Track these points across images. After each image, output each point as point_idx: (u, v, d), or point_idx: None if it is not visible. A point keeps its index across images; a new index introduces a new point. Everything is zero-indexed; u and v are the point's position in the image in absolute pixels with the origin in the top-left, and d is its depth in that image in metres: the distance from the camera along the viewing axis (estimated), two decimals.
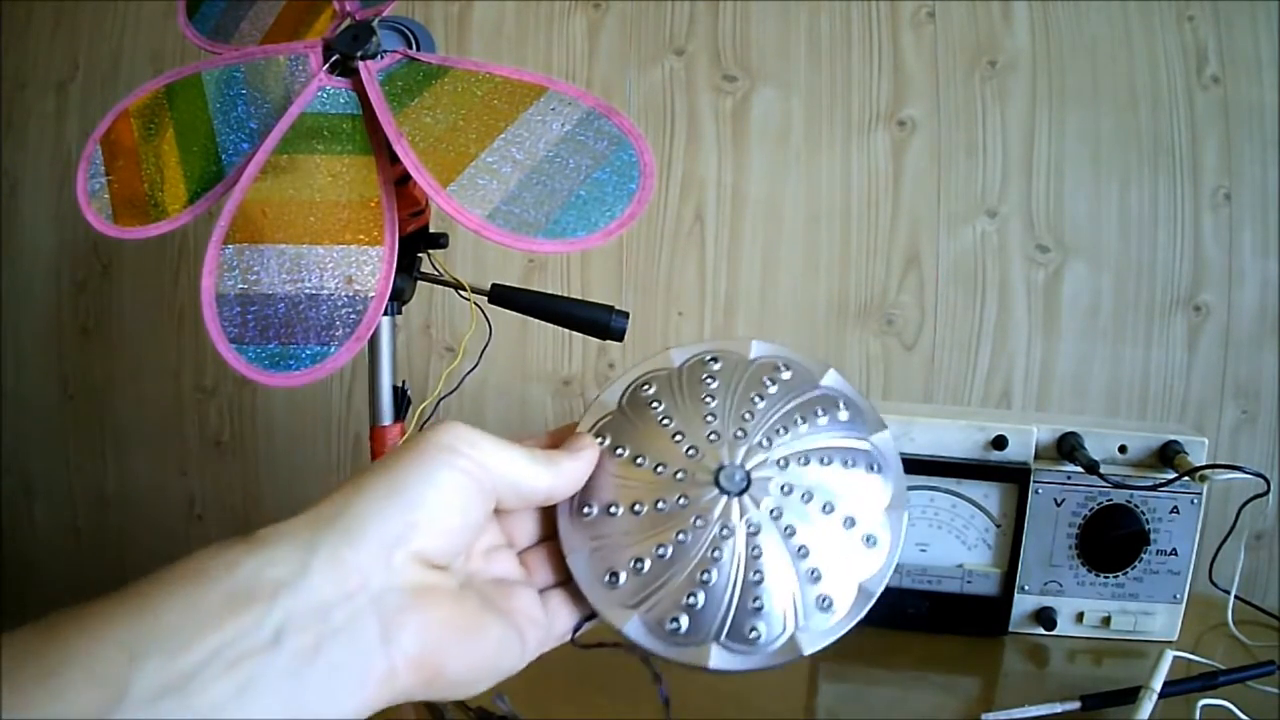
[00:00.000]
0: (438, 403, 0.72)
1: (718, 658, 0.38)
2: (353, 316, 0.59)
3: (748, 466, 0.41)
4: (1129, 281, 1.11)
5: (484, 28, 1.18)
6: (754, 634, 0.39)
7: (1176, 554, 0.64)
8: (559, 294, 0.75)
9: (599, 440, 0.41)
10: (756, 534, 0.40)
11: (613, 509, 0.41)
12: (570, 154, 0.59)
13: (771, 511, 0.41)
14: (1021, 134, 1.11)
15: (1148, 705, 0.52)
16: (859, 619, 0.39)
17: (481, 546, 0.35)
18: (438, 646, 0.28)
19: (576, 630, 0.39)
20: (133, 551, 1.35)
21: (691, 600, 0.39)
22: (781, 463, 0.42)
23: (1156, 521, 0.64)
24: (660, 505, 0.41)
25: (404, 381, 0.76)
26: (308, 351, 0.58)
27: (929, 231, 1.12)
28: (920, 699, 0.54)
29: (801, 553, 0.40)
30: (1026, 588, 0.66)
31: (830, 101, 1.13)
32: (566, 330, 0.78)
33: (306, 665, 0.25)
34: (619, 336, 0.73)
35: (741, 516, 0.40)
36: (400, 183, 0.64)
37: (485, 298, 0.73)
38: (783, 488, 0.41)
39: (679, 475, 0.41)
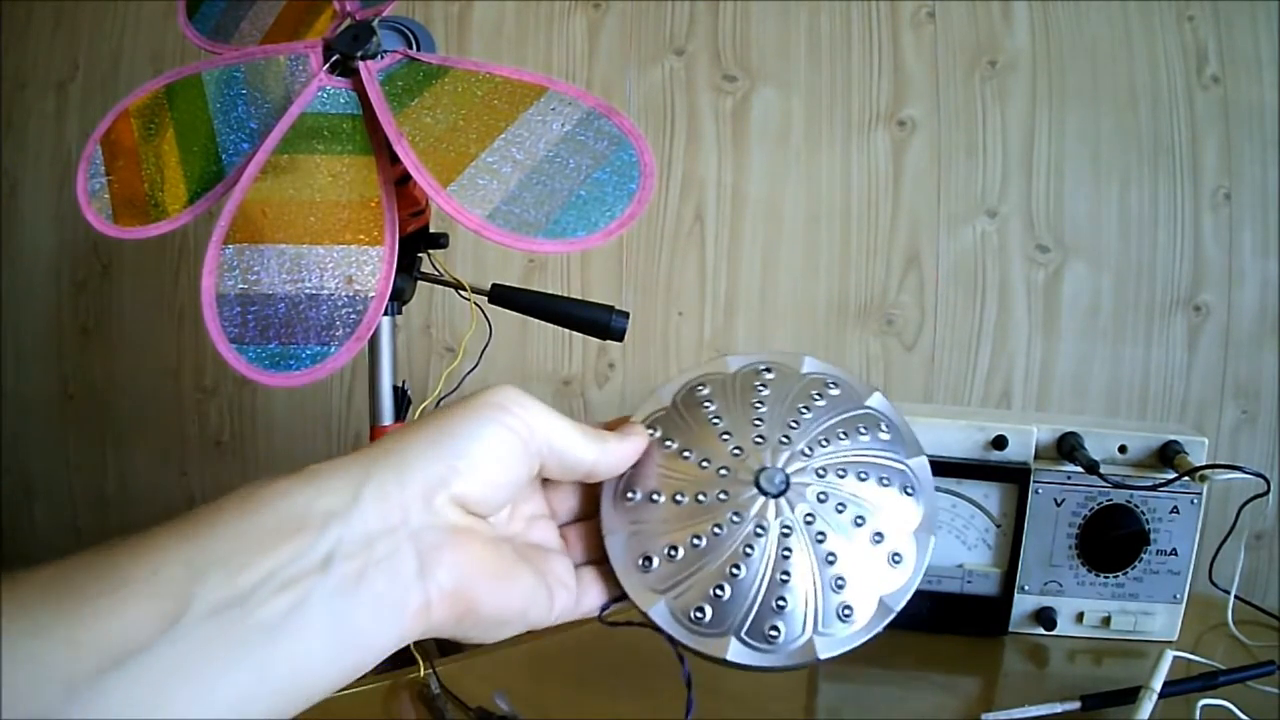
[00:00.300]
0: (438, 403, 0.72)
1: (736, 651, 0.39)
2: (353, 316, 0.59)
3: (788, 471, 0.43)
4: (1129, 281, 1.11)
5: (484, 28, 1.18)
6: (774, 633, 0.40)
7: (1176, 554, 0.64)
8: (559, 294, 0.75)
9: (650, 431, 0.42)
10: (788, 536, 0.42)
11: (655, 496, 0.43)
12: (570, 154, 0.59)
13: (805, 516, 0.42)
14: (1021, 134, 1.11)
15: (1148, 705, 0.52)
16: (876, 632, 0.40)
17: (525, 513, 0.37)
18: (471, 583, 0.30)
19: (604, 609, 0.40)
20: None
21: (718, 592, 0.40)
22: (820, 472, 0.43)
23: (1156, 521, 0.64)
24: (701, 498, 0.42)
25: (404, 381, 0.76)
26: (308, 351, 0.59)
27: (929, 231, 1.12)
28: (920, 699, 0.54)
29: (829, 559, 0.42)
30: (1026, 588, 0.66)
31: (830, 101, 1.13)
32: (566, 330, 0.78)
33: (352, 591, 0.27)
34: (619, 336, 0.73)
35: (776, 517, 0.42)
36: (400, 183, 0.64)
37: (485, 298, 0.73)
38: (819, 495, 0.43)
39: (722, 472, 0.43)
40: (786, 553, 0.42)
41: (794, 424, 0.44)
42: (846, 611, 0.41)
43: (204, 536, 0.26)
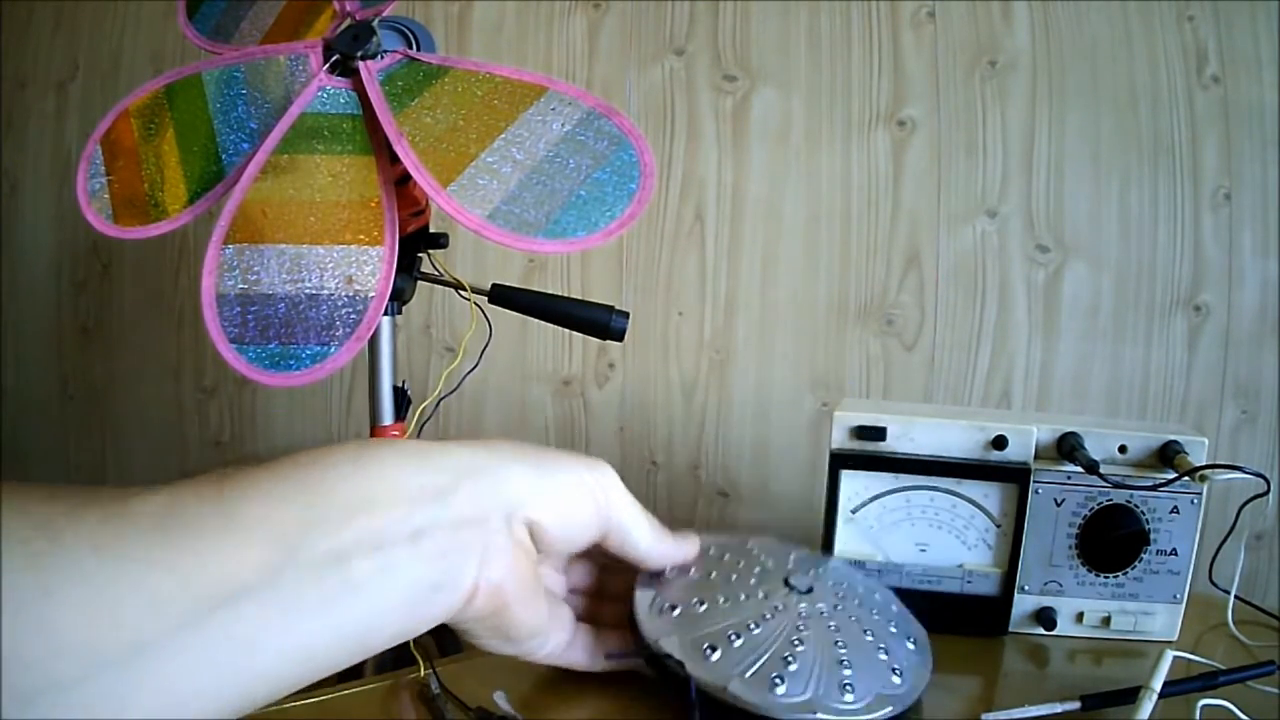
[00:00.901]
0: (438, 403, 0.72)
1: (737, 687, 0.43)
2: (353, 316, 0.59)
3: (815, 586, 0.51)
4: (1129, 281, 1.10)
5: (484, 28, 1.18)
6: (777, 681, 0.44)
7: (1176, 554, 0.64)
8: (559, 294, 0.75)
9: (706, 546, 0.50)
10: (805, 619, 0.48)
11: (691, 571, 0.50)
12: (570, 154, 0.59)
13: (822, 612, 0.49)
14: (1021, 134, 1.10)
15: (1148, 705, 0.52)
16: (875, 717, 0.45)
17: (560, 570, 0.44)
18: (510, 588, 0.33)
19: (611, 656, 0.47)
20: None
21: (732, 637, 0.45)
22: (841, 600, 0.52)
23: (1156, 521, 0.64)
24: (733, 577, 0.50)
25: (404, 381, 0.76)
26: (308, 351, 0.59)
27: (929, 231, 1.12)
28: (922, 702, 0.54)
29: (838, 644, 0.48)
30: (1026, 588, 0.66)
31: (830, 101, 1.13)
32: (566, 330, 0.78)
33: (430, 564, 0.30)
34: (619, 336, 0.73)
35: (797, 604, 0.49)
36: (400, 183, 0.64)
37: (485, 298, 0.73)
38: (836, 606, 0.51)
39: (757, 569, 0.51)
40: (801, 626, 0.47)
41: (824, 571, 0.53)
42: (848, 686, 0.45)
43: (314, 490, 0.28)
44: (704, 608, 0.47)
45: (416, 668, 0.58)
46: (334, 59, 0.63)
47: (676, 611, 0.46)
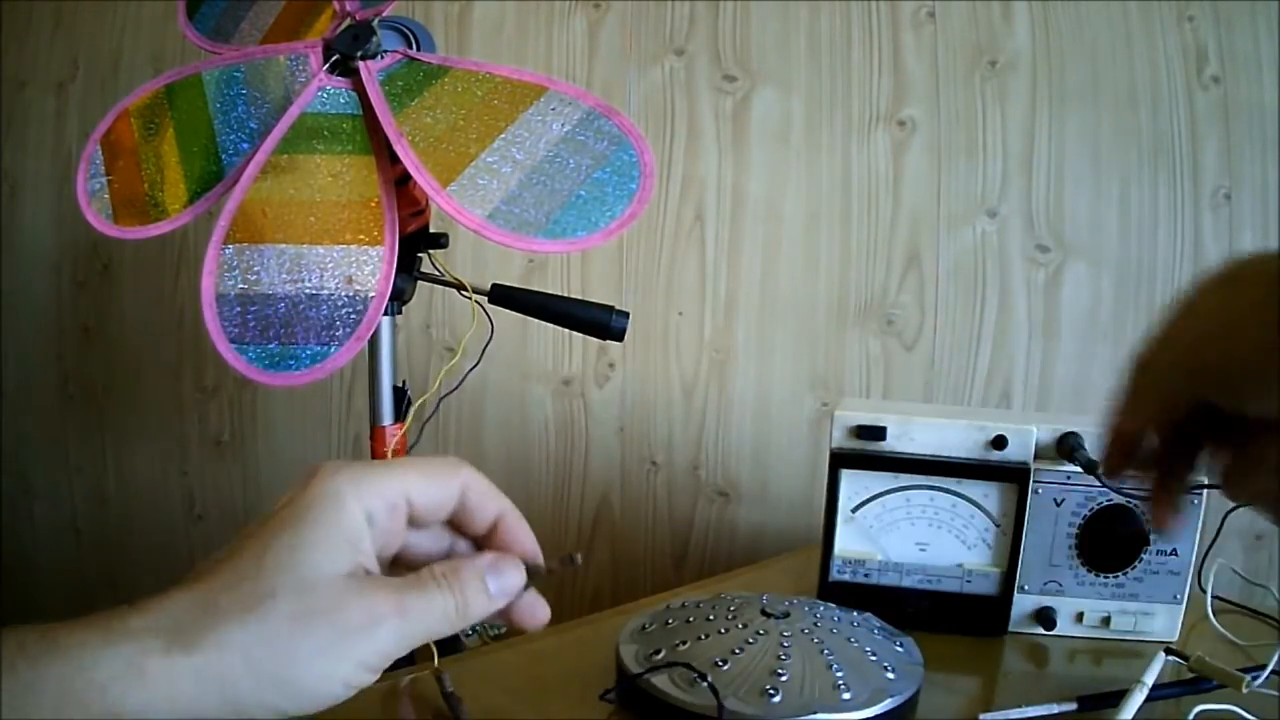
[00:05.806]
0: (438, 403, 0.72)
1: (733, 704, 0.46)
2: (353, 316, 0.59)
3: (793, 613, 0.53)
4: (1129, 281, 1.10)
5: (484, 28, 1.18)
6: (772, 691, 0.46)
7: (1176, 554, 0.64)
8: (559, 294, 0.75)
9: (679, 602, 0.58)
10: (787, 637, 0.50)
11: (668, 621, 0.52)
12: (570, 154, 0.59)
13: (804, 630, 0.51)
14: (1021, 134, 1.10)
15: (1137, 699, 0.52)
16: (876, 713, 0.47)
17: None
18: None
19: (606, 694, 0.50)
20: (133, 551, 1.35)
21: (720, 663, 0.48)
22: (822, 616, 0.53)
23: None
24: (709, 618, 0.52)
25: (404, 381, 0.76)
26: (308, 351, 0.59)
27: (929, 231, 1.12)
28: (920, 699, 0.54)
29: (825, 653, 0.49)
30: (1026, 587, 0.66)
31: (830, 101, 1.13)
32: (566, 330, 0.79)
33: None
34: (619, 336, 0.73)
35: (776, 626, 0.51)
36: (400, 183, 0.64)
37: (485, 298, 0.74)
38: (816, 624, 0.52)
39: (732, 608, 0.54)
40: (785, 644, 0.50)
41: (798, 600, 0.56)
42: (841, 685, 0.47)
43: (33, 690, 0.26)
44: (687, 646, 0.49)
45: (417, 668, 0.58)
46: (334, 59, 0.63)
47: (661, 654, 0.49)
